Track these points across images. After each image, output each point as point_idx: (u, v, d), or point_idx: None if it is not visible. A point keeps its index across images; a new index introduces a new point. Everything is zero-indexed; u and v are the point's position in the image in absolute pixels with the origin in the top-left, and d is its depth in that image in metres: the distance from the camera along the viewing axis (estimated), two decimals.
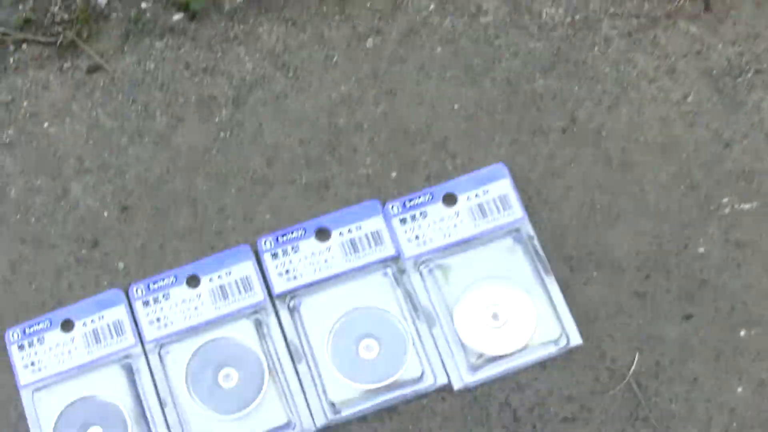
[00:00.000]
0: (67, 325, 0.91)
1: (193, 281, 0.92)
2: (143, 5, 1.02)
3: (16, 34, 1.01)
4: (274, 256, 0.92)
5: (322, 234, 0.93)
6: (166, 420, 0.89)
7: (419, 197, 0.93)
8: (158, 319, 0.91)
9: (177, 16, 1.01)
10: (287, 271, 0.91)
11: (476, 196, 0.93)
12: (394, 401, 0.89)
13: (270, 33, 1.00)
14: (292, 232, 0.93)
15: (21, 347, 0.90)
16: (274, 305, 0.92)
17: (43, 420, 0.89)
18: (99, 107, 0.98)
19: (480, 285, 0.91)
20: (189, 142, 0.96)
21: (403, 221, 0.92)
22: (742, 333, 0.91)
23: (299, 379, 0.90)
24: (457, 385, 0.89)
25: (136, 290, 0.92)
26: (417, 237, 0.92)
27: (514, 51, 0.99)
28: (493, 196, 0.93)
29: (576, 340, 0.90)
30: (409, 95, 0.97)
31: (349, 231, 0.93)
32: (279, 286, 0.91)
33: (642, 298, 0.91)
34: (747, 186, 0.94)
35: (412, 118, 0.96)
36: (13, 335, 0.91)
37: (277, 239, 0.92)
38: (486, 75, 0.98)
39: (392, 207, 0.93)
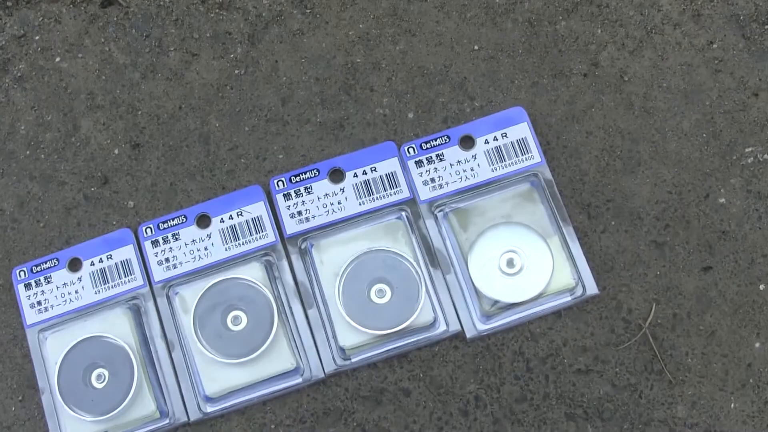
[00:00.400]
0: (74, 264, 0.80)
1: (203, 221, 0.80)
2: None
3: None
4: (287, 196, 0.80)
5: (336, 175, 0.81)
6: (172, 362, 0.78)
7: (436, 139, 0.81)
8: (167, 260, 0.79)
9: None
10: (299, 213, 0.80)
11: (494, 139, 0.80)
12: (405, 348, 0.78)
13: None
14: (306, 173, 0.81)
15: (28, 286, 0.79)
16: (285, 247, 0.80)
17: (48, 360, 0.78)
18: (112, 42, 0.85)
19: (496, 231, 0.78)
20: (203, 79, 0.84)
21: (419, 163, 0.80)
22: (762, 287, 0.79)
23: (309, 324, 0.78)
24: (469, 333, 0.78)
25: (146, 230, 0.80)
26: (433, 180, 0.80)
27: None
28: (511, 140, 0.80)
29: (592, 289, 0.78)
30: (428, 35, 0.84)
31: (364, 173, 0.80)
32: (291, 227, 0.79)
33: (660, 249, 0.79)
34: None
35: (430, 58, 0.83)
36: (20, 273, 0.79)
37: (290, 179, 0.80)
38: (507, 15, 0.84)
39: (408, 149, 0.81)
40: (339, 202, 0.79)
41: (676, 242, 0.79)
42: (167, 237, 0.79)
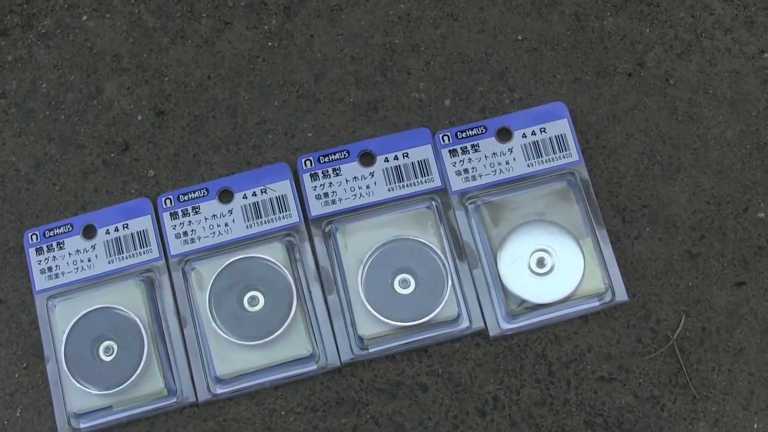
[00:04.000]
0: (89, 231, 0.78)
1: (225, 196, 0.78)
2: None
3: None
4: (314, 176, 0.77)
5: (367, 158, 0.78)
6: (184, 340, 0.76)
7: (472, 129, 0.78)
8: (185, 233, 0.76)
9: None
10: (326, 194, 0.77)
11: (532, 133, 0.77)
12: (426, 342, 0.75)
13: None
14: (335, 154, 0.78)
15: (39, 251, 0.77)
16: (308, 229, 0.77)
17: (55, 329, 0.76)
18: (142, 4, 0.83)
19: (528, 228, 0.76)
20: (234, 49, 0.81)
21: (453, 153, 0.77)
22: None
23: (328, 310, 0.76)
24: (493, 332, 0.75)
25: (165, 201, 0.77)
26: (466, 171, 0.77)
27: None
28: (550, 136, 0.78)
29: (622, 296, 0.76)
30: (471, 20, 0.81)
31: (396, 158, 0.78)
32: (316, 209, 0.77)
33: (694, 259, 0.76)
34: None
35: (471, 45, 0.80)
36: (32, 237, 0.77)
37: (318, 159, 0.77)
38: (554, 7, 0.82)
39: (443, 137, 0.78)
40: (368, 187, 0.76)
41: (711, 254, 0.76)
42: (187, 210, 0.77)
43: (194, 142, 0.79)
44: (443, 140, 0.78)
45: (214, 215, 0.76)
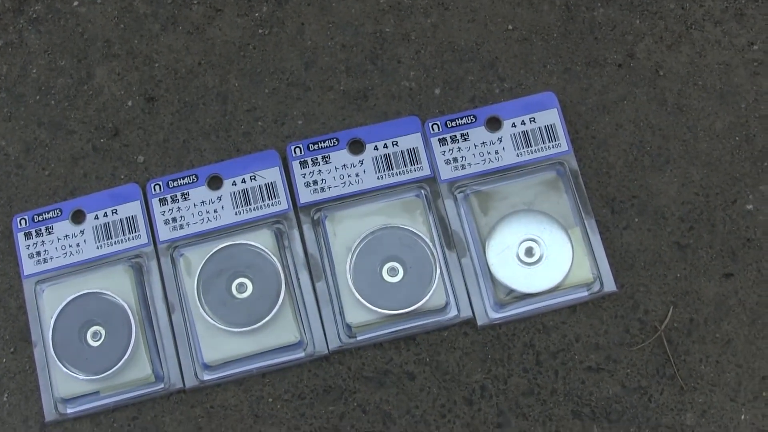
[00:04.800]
0: (78, 217, 0.78)
1: (214, 183, 0.78)
2: None
3: None
4: (303, 164, 0.77)
5: (356, 146, 0.79)
6: (172, 326, 0.76)
7: (462, 118, 0.79)
8: (174, 219, 0.77)
9: None
10: (315, 182, 0.77)
11: (522, 123, 0.78)
12: (414, 330, 0.76)
13: None
14: (324, 141, 0.79)
15: (28, 235, 0.77)
16: (297, 216, 0.78)
17: (43, 314, 0.76)
18: None
19: (517, 217, 0.76)
20: (225, 36, 0.82)
21: (443, 141, 0.78)
22: None
23: (316, 297, 0.76)
24: (481, 321, 0.76)
25: (154, 187, 0.77)
26: (455, 160, 0.78)
27: None
28: (539, 125, 0.78)
29: (610, 286, 0.76)
30: (462, 10, 0.82)
31: (385, 146, 0.78)
32: (305, 196, 0.77)
33: (683, 250, 0.77)
34: None
35: (462, 34, 0.81)
36: (20, 222, 0.77)
37: (307, 147, 0.78)
38: None
39: (432, 125, 0.79)
40: (357, 175, 0.77)
41: (699, 245, 0.77)
42: (176, 196, 0.77)
43: (184, 129, 0.80)
44: (433, 129, 0.78)
45: (203, 201, 0.77)
